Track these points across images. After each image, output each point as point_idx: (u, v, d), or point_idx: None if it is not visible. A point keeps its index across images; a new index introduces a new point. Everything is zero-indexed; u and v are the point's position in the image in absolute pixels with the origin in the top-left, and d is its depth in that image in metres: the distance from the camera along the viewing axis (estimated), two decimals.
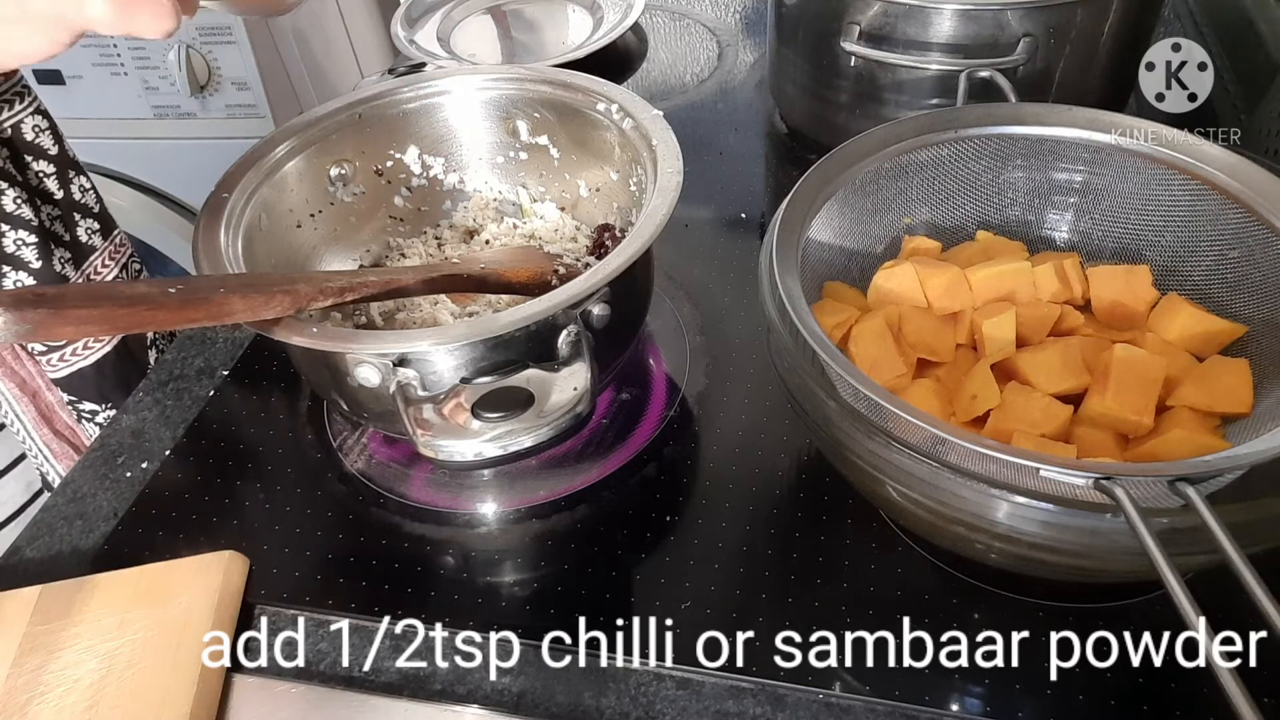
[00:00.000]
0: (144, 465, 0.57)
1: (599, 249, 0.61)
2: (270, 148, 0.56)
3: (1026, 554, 0.40)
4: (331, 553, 0.52)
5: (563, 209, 0.65)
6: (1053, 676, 0.43)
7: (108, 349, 0.69)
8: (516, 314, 0.44)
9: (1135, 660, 0.44)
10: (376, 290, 0.49)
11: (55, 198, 0.66)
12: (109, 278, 0.70)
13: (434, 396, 0.44)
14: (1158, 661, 0.43)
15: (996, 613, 0.46)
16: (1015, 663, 0.44)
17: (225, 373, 0.63)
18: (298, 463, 0.57)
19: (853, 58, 0.68)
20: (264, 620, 0.48)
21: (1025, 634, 0.45)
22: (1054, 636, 0.45)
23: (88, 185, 0.69)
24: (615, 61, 0.96)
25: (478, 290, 0.54)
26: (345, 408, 0.51)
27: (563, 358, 0.45)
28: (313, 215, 0.60)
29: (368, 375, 0.45)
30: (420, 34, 0.98)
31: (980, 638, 0.45)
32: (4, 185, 0.62)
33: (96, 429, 0.71)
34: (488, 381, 0.44)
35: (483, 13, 1.04)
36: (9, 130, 0.63)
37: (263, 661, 0.47)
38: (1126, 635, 0.44)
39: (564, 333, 0.46)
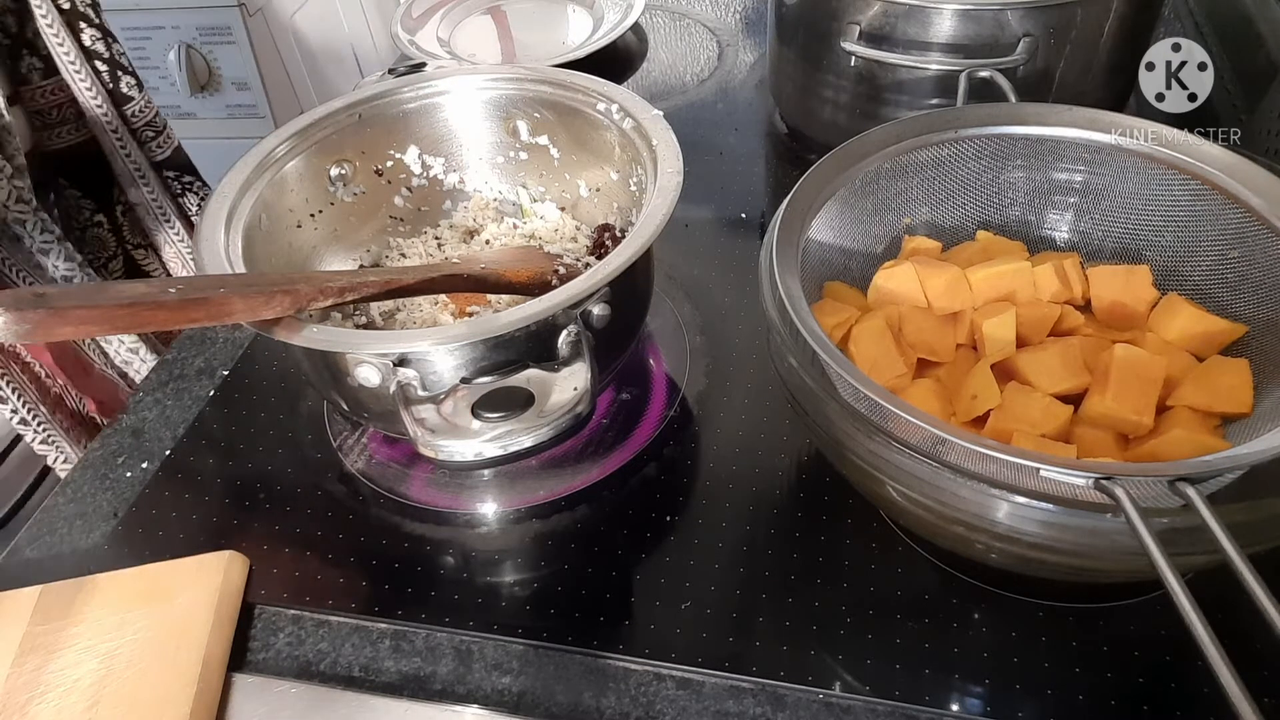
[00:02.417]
0: (144, 465, 0.57)
1: (599, 249, 0.61)
2: (270, 148, 0.56)
3: (1026, 554, 0.40)
4: (331, 553, 0.52)
5: (563, 209, 0.65)
6: (1053, 676, 0.43)
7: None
8: (516, 314, 0.44)
9: (1135, 660, 0.44)
10: (376, 290, 0.49)
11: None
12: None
13: (434, 396, 0.44)
14: (1158, 661, 0.44)
15: (996, 613, 0.46)
16: (1015, 663, 0.44)
17: (225, 373, 0.63)
18: (298, 463, 0.57)
19: (853, 58, 0.68)
20: (264, 620, 0.49)
21: (1025, 634, 0.45)
22: (1054, 637, 0.45)
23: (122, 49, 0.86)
24: (615, 61, 0.96)
25: (478, 290, 0.54)
26: (345, 408, 0.51)
27: (563, 358, 0.45)
28: (313, 215, 0.60)
29: (368, 375, 0.45)
30: (420, 34, 0.98)
31: (980, 638, 0.45)
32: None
33: (195, 198, 0.92)
34: (488, 381, 0.44)
35: (483, 13, 1.04)
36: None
37: (263, 661, 0.47)
38: (1126, 635, 0.45)
39: (564, 333, 0.46)
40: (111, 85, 0.84)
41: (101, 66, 0.83)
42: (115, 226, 0.89)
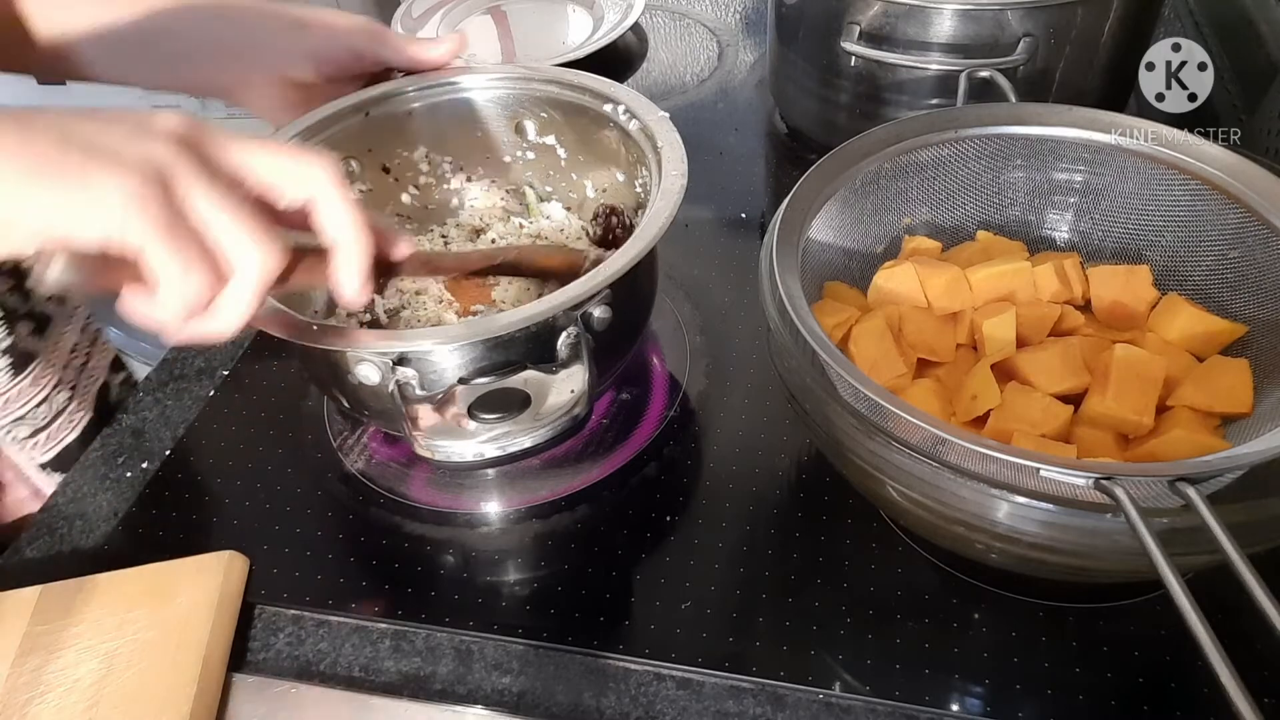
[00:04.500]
0: (144, 465, 0.57)
1: (607, 234, 0.61)
2: None
3: (1026, 554, 0.40)
4: (331, 553, 0.52)
5: (569, 209, 0.65)
6: (1053, 676, 0.43)
7: (89, 416, 0.69)
8: (516, 315, 0.44)
9: (1135, 660, 0.44)
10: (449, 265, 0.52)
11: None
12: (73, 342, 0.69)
13: (431, 396, 0.44)
14: (1158, 661, 0.44)
15: (996, 613, 0.46)
16: (1015, 663, 0.44)
17: (225, 373, 0.63)
18: (298, 463, 0.57)
19: (853, 58, 0.68)
20: (264, 620, 0.49)
21: (1025, 634, 0.45)
22: (1054, 637, 0.45)
23: None
24: (615, 61, 0.95)
25: (511, 275, 0.55)
26: (346, 405, 0.51)
27: (561, 360, 0.45)
28: None
29: (367, 373, 0.45)
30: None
31: (980, 638, 0.45)
32: None
33: None
34: (485, 382, 0.44)
35: (483, 13, 1.04)
36: None
37: (263, 661, 0.47)
38: (1127, 635, 0.45)
39: (564, 334, 0.46)
40: None
41: None
42: None
